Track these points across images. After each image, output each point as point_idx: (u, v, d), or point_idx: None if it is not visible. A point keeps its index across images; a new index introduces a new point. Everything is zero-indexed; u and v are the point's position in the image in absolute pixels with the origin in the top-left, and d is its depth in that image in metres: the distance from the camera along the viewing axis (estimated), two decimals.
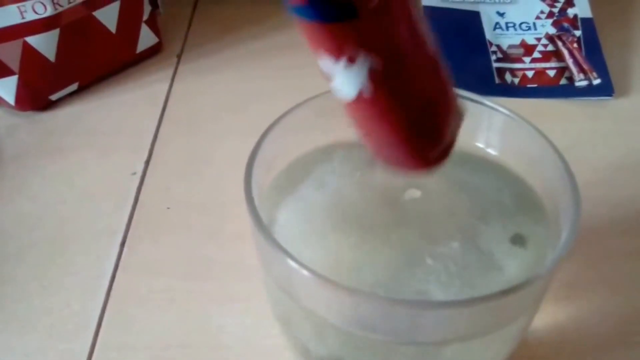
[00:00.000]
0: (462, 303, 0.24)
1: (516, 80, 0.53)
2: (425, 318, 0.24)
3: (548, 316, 0.37)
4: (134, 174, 0.45)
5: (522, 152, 0.31)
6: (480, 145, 0.32)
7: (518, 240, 0.28)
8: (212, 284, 0.39)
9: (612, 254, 0.41)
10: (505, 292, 0.23)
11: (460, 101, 0.25)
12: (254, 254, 0.28)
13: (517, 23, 0.56)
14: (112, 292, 0.38)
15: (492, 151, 0.32)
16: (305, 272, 0.23)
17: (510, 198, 0.30)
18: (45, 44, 0.47)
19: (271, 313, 0.32)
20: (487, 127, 0.32)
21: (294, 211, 0.29)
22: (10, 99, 0.49)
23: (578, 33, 0.55)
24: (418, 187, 0.30)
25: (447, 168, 0.32)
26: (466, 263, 0.27)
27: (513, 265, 0.27)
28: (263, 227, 0.25)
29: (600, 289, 0.39)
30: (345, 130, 0.31)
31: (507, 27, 0.56)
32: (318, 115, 0.30)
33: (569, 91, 0.52)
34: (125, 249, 0.41)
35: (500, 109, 0.30)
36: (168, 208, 0.43)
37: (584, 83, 0.52)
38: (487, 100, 0.31)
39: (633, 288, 0.39)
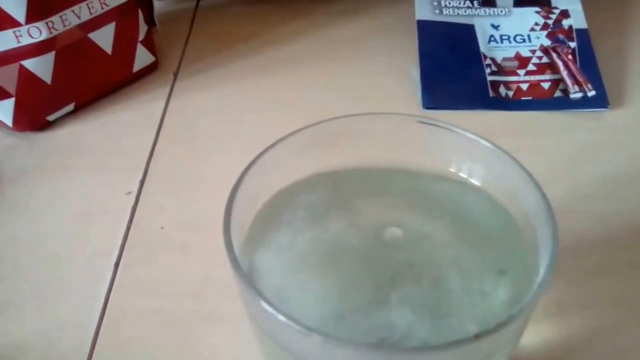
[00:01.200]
0: (436, 347, 0.24)
1: (510, 93, 0.53)
2: None
3: (537, 334, 0.37)
4: (129, 193, 0.46)
5: (503, 183, 0.31)
6: (464, 175, 0.32)
7: (499, 272, 0.28)
8: (205, 304, 0.39)
9: (605, 267, 0.41)
10: (478, 336, 0.23)
11: None
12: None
13: (512, 35, 0.56)
14: (106, 313, 0.39)
15: (475, 181, 0.32)
16: (283, 319, 0.23)
17: (492, 228, 0.31)
18: (41, 66, 0.48)
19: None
20: (469, 158, 0.32)
21: (273, 259, 0.29)
22: (8, 120, 0.49)
23: (573, 44, 0.55)
24: (399, 225, 0.30)
25: (429, 200, 0.32)
26: (448, 299, 0.27)
27: (496, 297, 0.27)
28: (244, 277, 0.25)
29: (592, 304, 0.39)
30: (324, 160, 0.32)
31: (502, 40, 0.56)
32: (296, 150, 0.31)
33: (564, 103, 0.52)
34: (120, 270, 0.41)
35: (482, 141, 0.30)
36: (162, 228, 0.43)
37: (579, 95, 0.52)
38: (469, 133, 0.31)
39: (624, 304, 0.39)
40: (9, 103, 0.48)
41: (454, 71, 0.54)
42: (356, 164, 0.32)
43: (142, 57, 0.54)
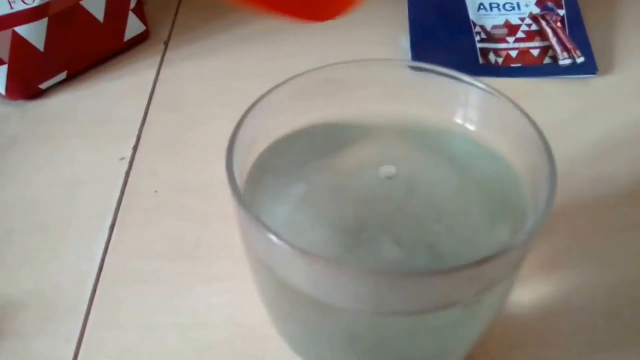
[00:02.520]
0: (436, 273, 0.24)
1: (500, 60, 0.53)
2: (400, 287, 0.25)
3: (532, 291, 0.37)
4: (122, 159, 0.46)
5: (499, 126, 0.31)
6: (459, 121, 0.33)
7: (496, 216, 0.29)
8: (199, 264, 0.39)
9: (595, 228, 0.41)
10: (479, 262, 0.23)
11: None
12: (237, 232, 0.29)
13: (501, 3, 0.57)
14: (102, 274, 0.39)
15: (470, 126, 0.32)
16: (280, 242, 0.24)
17: (489, 172, 0.31)
18: (34, 33, 0.48)
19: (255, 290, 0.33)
20: (464, 103, 0.32)
21: (271, 203, 0.29)
22: (1, 88, 0.49)
23: (562, 12, 0.56)
24: (393, 163, 0.31)
25: (424, 142, 0.33)
26: (445, 239, 0.28)
27: (490, 242, 0.28)
28: (243, 201, 0.25)
29: (584, 263, 0.39)
30: (325, 110, 0.32)
31: (491, 8, 0.57)
32: (297, 95, 0.31)
33: (553, 70, 0.52)
34: (115, 232, 0.41)
35: (477, 83, 0.31)
36: (156, 191, 0.44)
37: (568, 61, 0.53)
38: (465, 77, 0.31)
39: (616, 261, 0.40)
40: (2, 70, 0.48)
41: (443, 39, 0.54)
42: (350, 112, 0.32)
43: (133, 26, 0.54)
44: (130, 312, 0.37)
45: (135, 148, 0.47)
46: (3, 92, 0.50)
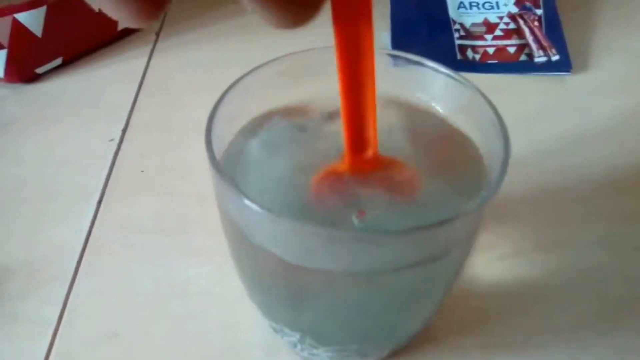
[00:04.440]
0: (398, 233, 0.26)
1: (477, 57, 0.55)
2: (356, 248, 0.26)
3: (495, 274, 0.40)
4: (112, 140, 0.48)
5: (464, 110, 0.33)
6: (427, 103, 0.34)
7: (459, 192, 0.30)
8: (180, 239, 0.42)
9: (564, 218, 0.43)
10: (434, 225, 0.25)
11: None
12: (217, 211, 0.30)
13: (481, 2, 0.59)
14: (88, 245, 0.41)
15: (439, 108, 0.34)
16: (254, 206, 0.25)
17: (455, 152, 0.33)
18: (32, 20, 0.51)
19: (231, 259, 0.34)
20: (431, 87, 0.34)
21: (246, 175, 0.32)
22: (0, 71, 0.52)
23: (539, 12, 0.58)
24: None
25: (396, 119, 0.34)
26: (404, 210, 0.30)
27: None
28: (219, 167, 0.27)
29: (552, 250, 0.41)
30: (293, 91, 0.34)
31: (471, 7, 0.59)
32: (275, 77, 0.33)
33: (528, 67, 0.55)
34: (101, 208, 0.44)
35: (442, 69, 0.32)
36: (142, 171, 0.46)
37: (543, 59, 0.55)
38: (430, 62, 0.33)
39: (583, 249, 0.42)
40: (2, 54, 0.51)
41: (423, 35, 0.57)
42: (324, 94, 0.34)
43: None
44: (112, 281, 0.40)
45: (124, 130, 0.49)
46: (2, 76, 0.52)
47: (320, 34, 0.29)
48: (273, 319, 0.34)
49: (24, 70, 0.53)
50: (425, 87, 0.34)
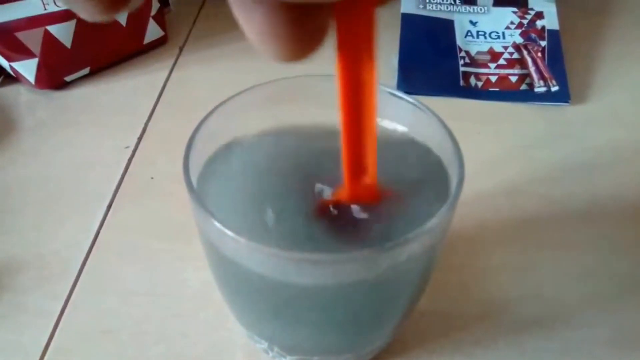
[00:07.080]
0: (349, 254, 0.28)
1: (479, 84, 0.58)
2: (317, 265, 0.29)
3: (487, 292, 0.42)
4: (127, 147, 0.52)
5: (426, 133, 0.34)
6: (394, 127, 0.36)
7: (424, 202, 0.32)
8: (179, 244, 0.45)
9: (546, 244, 0.45)
10: (394, 244, 0.27)
11: None
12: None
13: (488, 32, 0.61)
14: (95, 245, 0.45)
15: (405, 130, 0.36)
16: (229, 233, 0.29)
17: (421, 172, 0.34)
18: (63, 32, 0.55)
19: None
20: (398, 113, 0.35)
21: (221, 194, 0.34)
22: (31, 78, 0.56)
23: (543, 43, 0.60)
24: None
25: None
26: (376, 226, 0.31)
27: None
28: (197, 197, 0.31)
29: (530, 273, 0.44)
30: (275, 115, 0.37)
31: (478, 35, 0.61)
32: (260, 101, 0.36)
33: (528, 96, 0.57)
34: (111, 211, 0.48)
35: (407, 98, 0.34)
36: (152, 178, 0.50)
37: (543, 89, 0.57)
38: (396, 92, 0.35)
39: (562, 276, 0.44)
40: (33, 63, 0.55)
41: (430, 61, 0.59)
42: (299, 120, 0.37)
43: (153, 31, 0.60)
44: (114, 280, 0.43)
45: (140, 138, 0.53)
46: (33, 82, 0.57)
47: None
48: (244, 326, 0.37)
49: (54, 78, 0.57)
50: (400, 113, 0.36)
